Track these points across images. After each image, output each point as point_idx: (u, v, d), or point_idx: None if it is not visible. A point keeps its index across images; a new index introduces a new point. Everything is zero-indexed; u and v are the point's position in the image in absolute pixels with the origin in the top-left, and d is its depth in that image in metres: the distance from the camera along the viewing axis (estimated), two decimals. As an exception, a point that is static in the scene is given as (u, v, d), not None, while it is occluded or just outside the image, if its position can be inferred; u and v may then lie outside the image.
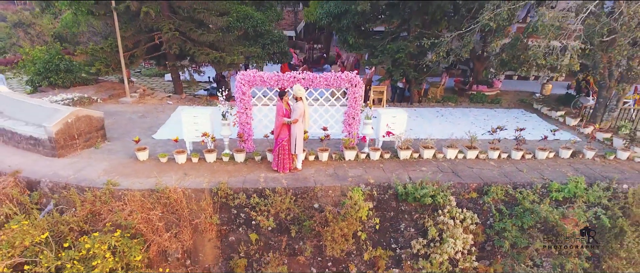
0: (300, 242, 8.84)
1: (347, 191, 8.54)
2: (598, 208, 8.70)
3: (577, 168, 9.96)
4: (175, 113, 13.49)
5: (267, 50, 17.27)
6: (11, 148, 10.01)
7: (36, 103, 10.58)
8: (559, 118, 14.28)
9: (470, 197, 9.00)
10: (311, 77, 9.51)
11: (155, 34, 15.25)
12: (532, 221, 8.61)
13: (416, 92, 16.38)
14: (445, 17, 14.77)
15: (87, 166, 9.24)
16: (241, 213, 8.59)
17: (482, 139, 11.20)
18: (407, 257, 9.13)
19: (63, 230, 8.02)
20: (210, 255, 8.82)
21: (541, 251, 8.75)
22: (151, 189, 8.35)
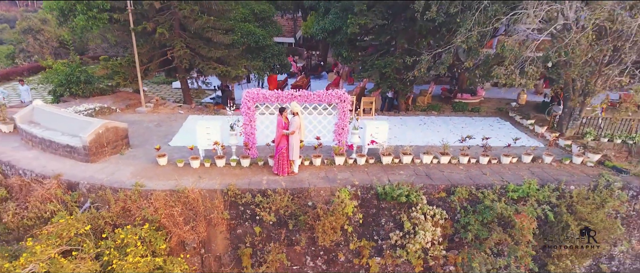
0: (296, 234, 10.51)
1: (335, 191, 10.21)
2: (546, 206, 10.37)
3: (534, 172, 11.64)
4: (186, 122, 15.17)
5: (268, 62, 18.96)
6: (50, 155, 11.69)
7: (69, 116, 12.27)
8: (530, 126, 15.96)
9: (439, 196, 10.67)
10: (306, 95, 11.20)
11: (167, 49, 16.93)
12: (491, 217, 10.28)
13: (403, 102, 18.04)
14: (428, 34, 16.40)
15: (116, 170, 10.92)
16: (247, 209, 10.26)
17: (455, 146, 12.87)
18: (387, 247, 10.80)
19: (100, 223, 9.69)
20: (221, 244, 10.49)
21: (499, 241, 10.40)
22: (172, 189, 10.02)
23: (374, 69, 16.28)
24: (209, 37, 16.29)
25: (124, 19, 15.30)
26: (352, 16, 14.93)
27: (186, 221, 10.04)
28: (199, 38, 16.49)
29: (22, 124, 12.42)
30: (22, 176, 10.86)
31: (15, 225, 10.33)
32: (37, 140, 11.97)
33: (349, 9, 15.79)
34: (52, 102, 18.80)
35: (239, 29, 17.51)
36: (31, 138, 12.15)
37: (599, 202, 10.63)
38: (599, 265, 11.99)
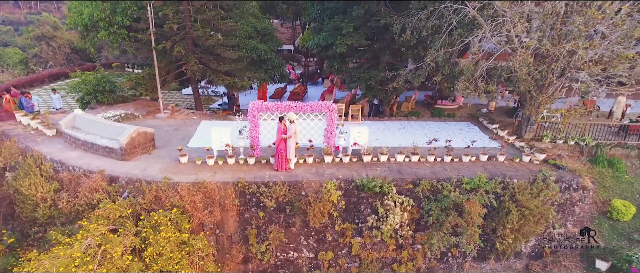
0: (292, 218, 13.10)
1: (324, 183, 12.79)
2: (492, 195, 12.96)
3: (487, 168, 14.22)
4: (200, 127, 17.76)
5: (269, 73, 21.57)
6: (91, 154, 14.28)
7: (106, 122, 14.88)
8: (494, 129, 18.55)
9: (407, 188, 13.27)
10: (300, 105, 13.81)
11: (182, 64, 19.53)
12: (448, 204, 12.86)
13: (387, 108, 20.64)
14: (407, 51, 18.99)
15: (147, 167, 13.52)
16: (253, 198, 12.86)
17: (425, 147, 15.45)
18: (365, 228, 13.39)
19: (137, 208, 12.30)
20: (232, 226, 13.09)
21: (454, 223, 12.97)
22: (193, 182, 12.61)
23: (360, 81, 18.90)
24: (218, 53, 18.88)
25: (147, 39, 17.89)
26: (341, 37, 17.56)
27: (204, 207, 12.64)
28: (210, 54, 19.09)
29: (66, 129, 15.03)
30: (71, 171, 13.46)
31: (68, 210, 12.93)
32: (80, 142, 14.57)
33: (339, 29, 18.39)
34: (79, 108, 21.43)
35: (244, 45, 20.11)
36: (74, 140, 14.76)
37: (536, 192, 13.24)
38: (542, 244, 14.59)
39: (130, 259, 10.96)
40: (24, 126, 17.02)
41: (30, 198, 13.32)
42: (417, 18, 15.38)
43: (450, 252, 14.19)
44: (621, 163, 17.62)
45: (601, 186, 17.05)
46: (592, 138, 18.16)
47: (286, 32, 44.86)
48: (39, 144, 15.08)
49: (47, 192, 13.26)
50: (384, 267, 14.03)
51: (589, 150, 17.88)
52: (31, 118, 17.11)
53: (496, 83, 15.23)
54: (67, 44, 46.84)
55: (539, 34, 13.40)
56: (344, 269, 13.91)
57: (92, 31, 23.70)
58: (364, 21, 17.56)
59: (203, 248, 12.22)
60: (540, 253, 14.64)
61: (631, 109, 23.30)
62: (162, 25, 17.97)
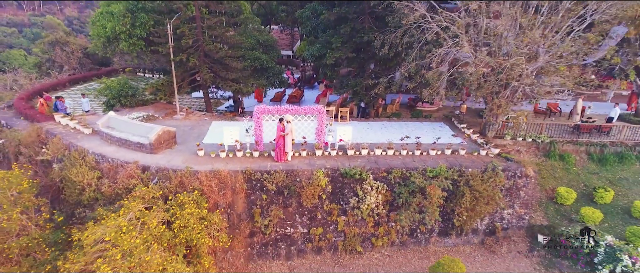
0: (289, 199, 16.26)
1: (314, 171, 15.94)
2: (450, 181, 16.10)
3: (449, 160, 17.36)
4: (212, 126, 20.90)
5: (270, 80, 24.72)
6: (125, 149, 17.42)
7: (136, 122, 18.04)
8: (462, 128, 21.70)
9: (382, 175, 16.43)
10: (296, 109, 16.99)
11: (195, 72, 22.67)
12: (414, 188, 16.01)
13: (372, 110, 23.79)
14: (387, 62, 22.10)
15: (171, 159, 16.67)
16: (257, 183, 16.00)
17: (399, 143, 18.59)
18: (348, 208, 16.55)
19: (165, 191, 15.44)
20: (241, 206, 16.24)
21: (419, 203, 16.10)
22: (209, 170, 15.75)
23: (348, 87, 22.05)
24: (227, 63, 22.01)
25: (166, 52, 21.02)
26: (330, 51, 20.72)
27: (219, 190, 15.79)
28: (219, 64, 22.21)
29: (103, 128, 18.18)
30: (110, 162, 16.61)
31: (109, 193, 16.07)
32: (115, 139, 17.73)
33: (330, 42, 21.52)
34: (104, 111, 24.55)
35: (248, 56, 23.23)
36: (110, 137, 17.91)
37: (486, 179, 16.40)
38: (494, 223, 17.75)
39: (162, 228, 14.13)
40: (63, 126, 20.17)
41: (77, 184, 16.47)
42: (394, 35, 18.52)
43: (418, 229, 17.35)
44: (571, 157, 20.85)
45: (552, 177, 20.28)
46: (548, 136, 21.33)
47: (285, 38, 47.81)
48: (80, 141, 18.23)
49: (91, 179, 16.41)
50: (364, 241, 17.19)
51: (544, 146, 21.05)
52: (70, 119, 20.26)
53: (458, 90, 18.38)
54: (79, 49, 49.83)
55: (488, 49, 16.54)
56: (331, 242, 17.07)
57: (114, 42, 26.85)
58: (350, 37, 20.71)
59: (218, 223, 15.37)
60: (493, 230, 17.80)
61: (590, 110, 26.33)
62: (179, 39, 21.08)
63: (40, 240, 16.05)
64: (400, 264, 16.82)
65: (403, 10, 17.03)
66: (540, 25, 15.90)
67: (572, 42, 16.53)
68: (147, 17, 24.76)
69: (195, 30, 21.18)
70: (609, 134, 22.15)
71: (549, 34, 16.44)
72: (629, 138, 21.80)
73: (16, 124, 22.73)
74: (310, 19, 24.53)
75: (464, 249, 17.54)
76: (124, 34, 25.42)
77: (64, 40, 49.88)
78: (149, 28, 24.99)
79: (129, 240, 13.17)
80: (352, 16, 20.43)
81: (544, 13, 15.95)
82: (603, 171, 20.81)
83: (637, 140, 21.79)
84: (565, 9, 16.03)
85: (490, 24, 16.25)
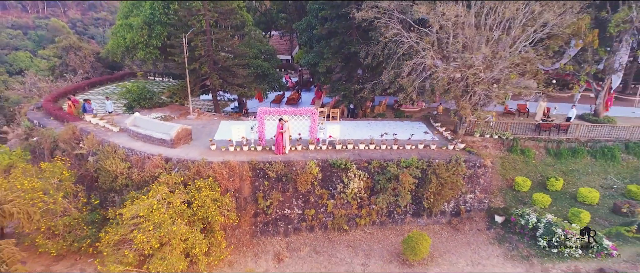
0: (287, 185, 19.64)
1: (308, 162, 19.31)
2: (419, 170, 19.48)
3: (420, 153, 20.72)
4: (221, 125, 24.25)
5: (271, 85, 28.13)
6: (150, 144, 20.79)
7: (158, 122, 21.41)
8: (437, 127, 25.07)
9: (364, 165, 19.81)
10: (292, 110, 20.39)
11: (205, 78, 26.06)
12: (390, 175, 19.39)
13: (360, 111, 27.19)
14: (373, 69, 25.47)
15: (189, 152, 20.05)
16: (261, 171, 19.39)
17: (380, 139, 21.94)
18: (336, 193, 19.93)
19: (185, 178, 18.83)
20: (247, 190, 19.63)
21: (394, 188, 19.46)
22: (221, 161, 19.14)
23: (339, 91, 25.44)
24: (233, 70, 25.40)
25: (181, 61, 24.41)
26: (323, 60, 24.12)
27: (229, 177, 19.17)
28: (227, 71, 25.61)
29: (130, 126, 21.57)
30: (138, 155, 19.99)
31: (138, 180, 19.43)
32: (141, 136, 21.12)
33: (322, 52, 24.90)
34: (125, 112, 27.93)
35: (252, 64, 26.63)
36: (136, 134, 21.30)
37: (450, 168, 19.77)
38: (459, 205, 21.11)
39: (184, 207, 17.52)
40: (94, 125, 23.54)
41: (111, 173, 19.84)
42: (376, 48, 21.89)
43: (395, 211, 20.73)
44: (531, 151, 24.25)
45: (513, 168, 23.67)
46: (512, 133, 24.71)
47: (285, 44, 51.18)
48: (111, 137, 21.62)
49: (123, 168, 19.78)
50: (349, 220, 20.57)
51: (508, 142, 24.44)
52: (100, 119, 23.66)
53: (431, 94, 21.76)
54: (91, 54, 53.04)
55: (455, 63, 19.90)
56: (322, 222, 20.46)
57: (132, 50, 30.26)
58: (340, 48, 24.10)
59: (228, 204, 18.74)
60: (458, 211, 21.16)
61: (556, 111, 29.60)
62: (192, 50, 24.47)
63: (79, 219, 19.45)
64: (380, 240, 20.19)
65: (381, 28, 20.40)
66: (493, 43, 19.26)
67: (519, 56, 19.86)
68: (162, 29, 28.24)
69: (206, 42, 24.58)
70: (567, 132, 25.53)
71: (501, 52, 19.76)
72: (584, 135, 25.18)
73: (47, 124, 26.10)
74: (306, 30, 27.88)
75: (433, 227, 20.91)
76: (142, 44, 28.88)
77: (77, 45, 53.12)
78: (163, 39, 28.47)
79: (158, 215, 16.58)
80: (341, 31, 23.82)
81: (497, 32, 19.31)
82: (558, 163, 24.21)
83: (591, 137, 25.17)
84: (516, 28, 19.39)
85: (452, 39, 19.61)
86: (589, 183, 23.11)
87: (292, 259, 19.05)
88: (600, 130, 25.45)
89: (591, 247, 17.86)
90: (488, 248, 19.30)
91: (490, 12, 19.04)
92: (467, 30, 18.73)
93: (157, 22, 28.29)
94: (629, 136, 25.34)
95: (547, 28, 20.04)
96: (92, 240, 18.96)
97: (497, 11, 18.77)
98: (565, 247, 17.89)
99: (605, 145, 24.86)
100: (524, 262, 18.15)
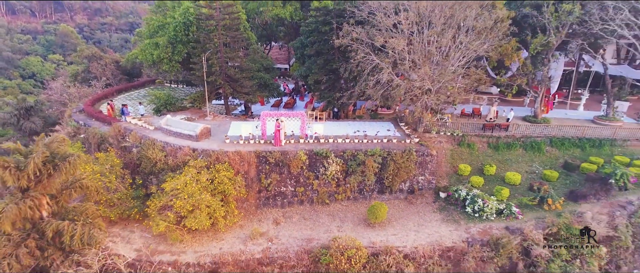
0: (283, 169, 26.42)
1: (298, 151, 26.10)
2: (381, 158, 26.27)
3: (384, 145, 27.48)
4: (232, 125, 31.03)
5: (271, 93, 34.98)
6: (180, 139, 27.57)
7: (184, 122, 28.23)
8: (402, 126, 31.83)
9: (340, 154, 26.61)
10: (287, 113, 27.24)
11: (219, 88, 32.87)
12: (359, 162, 26.16)
13: (343, 114, 34.00)
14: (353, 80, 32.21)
15: (210, 144, 26.85)
16: (263, 158, 26.18)
17: (353, 135, 28.69)
18: (320, 175, 26.71)
19: (208, 163, 25.63)
20: (253, 173, 26.42)
21: (361, 171, 26.20)
22: (234, 151, 25.94)
23: (324, 98, 32.25)
24: (241, 81, 32.20)
25: (201, 74, 31.23)
26: (311, 74, 30.93)
27: (240, 162, 25.96)
28: (236, 82, 32.41)
29: (164, 125, 28.37)
30: (172, 146, 26.79)
31: (172, 165, 26.21)
32: (172, 132, 27.92)
33: (311, 67, 31.68)
34: (154, 114, 34.69)
35: (255, 76, 33.45)
36: (169, 131, 28.09)
37: (404, 156, 26.51)
38: (413, 185, 27.89)
39: (208, 183, 24.31)
40: (133, 125, 30.33)
41: (152, 160, 26.61)
42: (352, 65, 28.63)
43: (364, 189, 27.48)
44: (475, 145, 31.04)
45: (459, 158, 30.44)
46: (461, 131, 31.48)
47: (284, 54, 58.01)
48: (149, 134, 28.42)
49: (161, 156, 26.57)
50: (330, 196, 27.33)
51: (458, 138, 31.22)
52: (138, 120, 30.48)
53: (393, 100, 28.54)
54: (112, 62, 59.42)
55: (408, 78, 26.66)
56: (309, 197, 27.21)
57: (159, 64, 37.06)
58: (325, 64, 30.87)
59: (239, 182, 25.50)
60: (412, 189, 27.92)
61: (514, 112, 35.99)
62: (209, 66, 31.27)
63: (127, 195, 26.24)
64: (352, 210, 26.95)
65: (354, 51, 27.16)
66: (434, 64, 26.06)
67: (458, 73, 26.65)
68: (183, 47, 35.09)
69: (220, 60, 31.40)
70: (507, 130, 32.30)
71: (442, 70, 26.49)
72: (521, 133, 31.95)
73: (91, 124, 32.95)
74: (299, 48, 34.67)
75: (393, 202, 27.64)
76: (166, 59, 35.73)
77: (98, 55, 59.72)
78: (183, 54, 35.32)
79: (190, 188, 23.37)
80: (325, 51, 30.62)
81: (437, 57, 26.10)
82: (495, 154, 30.99)
83: (526, 133, 31.93)
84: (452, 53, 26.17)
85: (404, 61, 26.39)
86: (517, 169, 29.85)
87: (286, 223, 25.80)
88: (534, 128, 32.28)
89: (503, 212, 24.63)
90: (431, 215, 26.06)
91: (432, 42, 25.83)
92: (414, 55, 25.53)
93: (179, 41, 35.11)
94: (555, 133, 32.15)
95: (478, 52, 26.84)
96: (138, 210, 25.71)
97: (434, 42, 25.57)
98: (484, 212, 24.66)
99: (534, 140, 31.64)
100: (454, 223, 24.92)
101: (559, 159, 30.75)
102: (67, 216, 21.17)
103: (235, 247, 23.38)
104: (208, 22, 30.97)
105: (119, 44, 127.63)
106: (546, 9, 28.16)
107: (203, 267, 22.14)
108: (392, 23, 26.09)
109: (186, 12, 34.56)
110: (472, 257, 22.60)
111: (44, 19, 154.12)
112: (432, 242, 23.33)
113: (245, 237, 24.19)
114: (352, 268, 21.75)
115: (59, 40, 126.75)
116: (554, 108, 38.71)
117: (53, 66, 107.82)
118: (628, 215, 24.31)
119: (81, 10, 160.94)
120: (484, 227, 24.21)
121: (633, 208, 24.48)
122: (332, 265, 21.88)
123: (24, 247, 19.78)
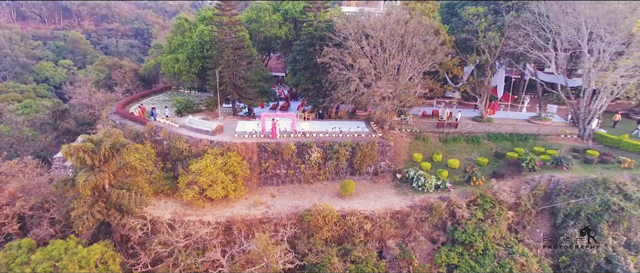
0: (277, 156, 35.23)
1: (289, 143, 34.90)
2: (351, 147, 35.09)
3: (354, 139, 36.27)
4: (239, 123, 39.80)
5: (269, 98, 43.88)
6: (200, 134, 36.34)
7: (203, 121, 37.10)
8: (371, 124, 40.64)
9: (321, 145, 35.43)
10: (281, 114, 36.13)
11: (228, 94, 41.71)
12: (335, 150, 34.96)
13: (326, 114, 42.88)
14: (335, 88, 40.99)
15: (222, 138, 35.68)
16: (263, 148, 35.00)
17: (332, 131, 37.48)
18: (306, 160, 35.51)
19: (222, 151, 34.43)
20: (255, 159, 35.22)
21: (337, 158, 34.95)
22: (241, 142, 34.77)
23: (311, 103, 41.10)
24: (246, 90, 41.02)
25: (214, 84, 40.07)
26: (300, 83, 39.75)
27: (245, 151, 34.77)
28: (241, 90, 41.22)
29: (187, 123, 37.20)
30: (194, 139, 35.60)
31: (195, 153, 34.98)
32: (194, 129, 36.75)
33: (300, 79, 40.45)
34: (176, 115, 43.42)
35: (257, 85, 42.29)
36: (191, 128, 36.91)
37: (369, 146, 35.33)
38: (377, 169, 36.69)
39: (222, 165, 33.12)
40: (163, 123, 39.12)
41: (179, 149, 35.38)
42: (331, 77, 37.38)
43: (340, 171, 36.27)
44: (429, 139, 39.98)
45: (415, 149, 39.33)
46: (418, 128, 40.35)
47: (281, 63, 66.78)
48: (175, 130, 37.23)
49: (186, 147, 35.35)
50: (313, 177, 36.11)
51: (416, 134, 40.09)
52: (165, 119, 39.32)
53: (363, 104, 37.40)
54: (131, 70, 67.47)
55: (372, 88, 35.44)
56: (298, 178, 35.97)
57: (178, 75, 45.89)
58: (311, 76, 39.68)
59: (245, 165, 34.29)
60: (376, 172, 36.72)
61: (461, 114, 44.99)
62: (220, 77, 40.09)
63: (160, 176, 35.07)
64: (330, 187, 35.72)
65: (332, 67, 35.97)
66: (391, 78, 34.91)
67: (413, 83, 35.52)
68: (199, 62, 44.00)
69: (229, 72, 40.27)
70: (456, 127, 41.15)
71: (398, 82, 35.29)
72: (466, 130, 40.83)
73: (126, 123, 41.71)
74: (292, 62, 43.51)
75: (362, 181, 36.40)
76: (185, 71, 44.62)
77: (118, 64, 68.06)
78: (199, 67, 44.22)
79: (209, 169, 32.19)
80: (311, 66, 39.46)
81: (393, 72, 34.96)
82: (444, 146, 39.85)
83: (470, 130, 40.78)
84: (403, 69, 35.00)
85: (367, 74, 35.19)
86: (459, 157, 38.62)
87: (280, 196, 34.58)
88: (478, 126, 41.15)
89: (440, 186, 33.44)
90: (388, 190, 34.86)
91: (387, 61, 34.71)
92: (375, 71, 34.44)
93: (196, 57, 44.00)
94: (493, 129, 40.99)
95: (423, 69, 35.71)
96: (168, 186, 34.50)
97: (389, 61, 34.48)
98: (425, 187, 33.47)
99: (475, 135, 40.50)
100: (403, 195, 33.74)
101: (493, 149, 39.55)
102: (123, 187, 29.96)
103: (243, 211, 32.18)
104: (220, 43, 39.86)
105: (125, 49, 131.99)
106: (479, 34, 37.02)
107: (220, 224, 30.92)
108: (359, 47, 34.97)
109: (201, 34, 43.49)
110: (414, 217, 31.41)
111: (53, 25, 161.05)
112: (386, 207, 32.14)
113: (250, 205, 32.99)
114: (327, 225, 30.51)
115: (69, 46, 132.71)
116: (501, 110, 47.47)
117: (64, 71, 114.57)
118: (531, 188, 33.12)
119: (88, 16, 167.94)
120: (424, 197, 33.00)
121: (535, 183, 33.29)
122: (312, 222, 30.64)
123: (96, 206, 28.57)
